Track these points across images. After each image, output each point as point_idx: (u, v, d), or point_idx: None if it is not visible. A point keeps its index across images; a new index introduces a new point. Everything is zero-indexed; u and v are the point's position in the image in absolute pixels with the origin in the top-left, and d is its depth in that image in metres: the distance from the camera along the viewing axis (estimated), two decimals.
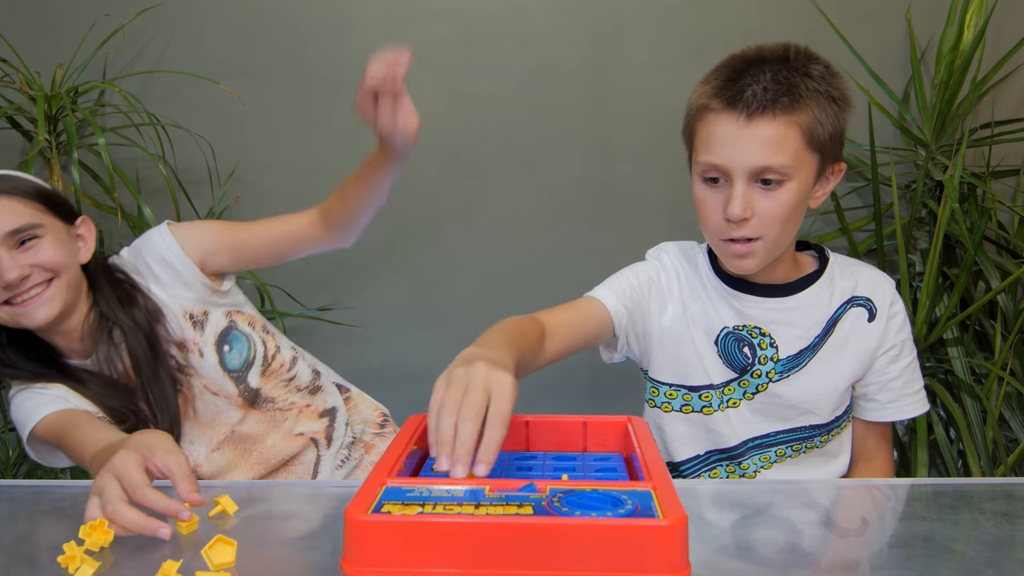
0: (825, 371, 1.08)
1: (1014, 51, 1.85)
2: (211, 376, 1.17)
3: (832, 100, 0.99)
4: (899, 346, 1.10)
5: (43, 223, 1.08)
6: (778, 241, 1.02)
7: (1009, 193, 1.94)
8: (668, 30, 1.97)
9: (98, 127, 1.69)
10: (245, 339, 1.20)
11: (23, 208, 1.07)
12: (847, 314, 1.09)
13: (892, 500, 0.87)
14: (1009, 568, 0.64)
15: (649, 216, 1.99)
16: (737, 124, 0.97)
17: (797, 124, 0.97)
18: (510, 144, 2.00)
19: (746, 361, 1.09)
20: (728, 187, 0.99)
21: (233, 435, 1.19)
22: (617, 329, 1.11)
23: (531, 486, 0.63)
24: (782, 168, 0.97)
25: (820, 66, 1.00)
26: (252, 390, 1.19)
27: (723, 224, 1.01)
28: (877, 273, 1.13)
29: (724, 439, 1.10)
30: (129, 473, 0.74)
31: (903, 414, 1.11)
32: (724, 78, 0.99)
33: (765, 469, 1.11)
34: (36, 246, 1.07)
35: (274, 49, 1.99)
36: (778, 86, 0.96)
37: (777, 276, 1.09)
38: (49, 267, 1.08)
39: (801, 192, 1.00)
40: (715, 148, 0.99)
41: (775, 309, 1.08)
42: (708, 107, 1.00)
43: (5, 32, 1.94)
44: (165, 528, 0.70)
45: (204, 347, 1.17)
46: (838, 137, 1.02)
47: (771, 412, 1.09)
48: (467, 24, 1.98)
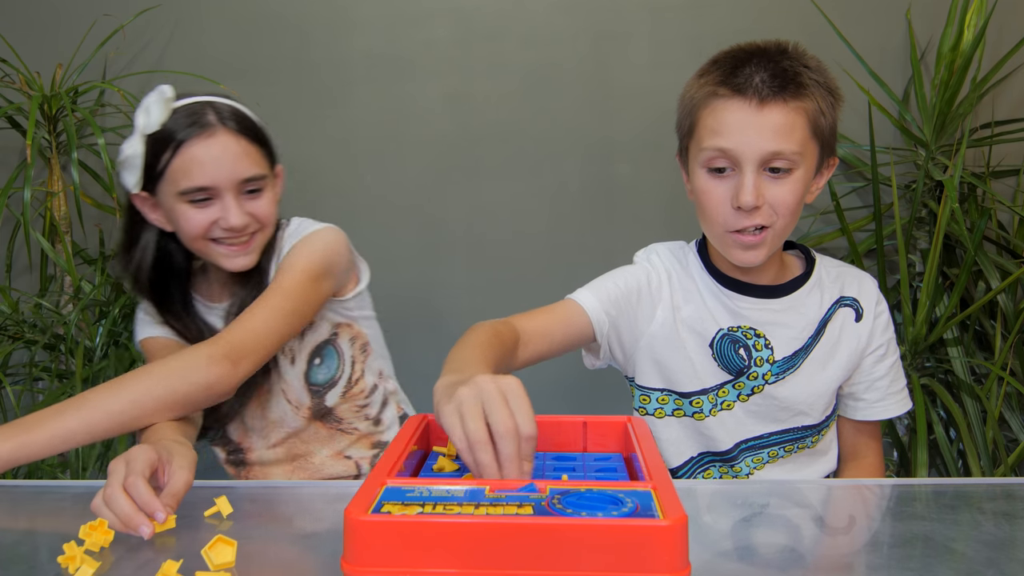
0: (818, 372, 1.08)
1: (1014, 51, 1.85)
2: (292, 383, 1.17)
3: (829, 92, 1.01)
4: (885, 345, 1.11)
5: (266, 175, 1.10)
6: (784, 231, 1.02)
7: (1009, 193, 1.94)
8: (668, 30, 1.97)
9: (98, 127, 1.69)
10: (337, 357, 1.19)
11: (257, 156, 1.09)
12: (836, 315, 1.10)
13: (892, 500, 0.87)
14: (1009, 568, 0.64)
15: (649, 216, 1.99)
16: (749, 110, 0.97)
17: (804, 111, 0.98)
18: (510, 144, 2.00)
19: (742, 363, 1.08)
20: (736, 176, 0.99)
21: (288, 439, 1.19)
22: (598, 335, 1.08)
23: (531, 486, 0.63)
24: (791, 155, 0.97)
25: (814, 60, 1.02)
26: (325, 408, 1.19)
27: (731, 215, 1.00)
28: (861, 273, 1.13)
29: (717, 443, 1.10)
30: (136, 461, 0.77)
31: (888, 412, 1.12)
32: (728, 68, 0.99)
33: (757, 470, 1.11)
34: (258, 198, 1.09)
35: (274, 49, 1.99)
36: (784, 74, 0.97)
37: (768, 277, 1.10)
38: (263, 221, 1.10)
39: (806, 182, 1.00)
40: (725, 134, 0.98)
41: (769, 310, 1.08)
42: (716, 94, 0.99)
43: (5, 32, 1.94)
44: (146, 527, 0.70)
45: (297, 354, 1.17)
46: (833, 130, 1.03)
47: (765, 414, 1.09)
48: (467, 24, 1.98)
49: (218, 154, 1.05)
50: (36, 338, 1.73)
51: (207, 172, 1.04)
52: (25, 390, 1.75)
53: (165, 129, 1.05)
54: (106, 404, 0.90)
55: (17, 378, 1.84)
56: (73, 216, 1.92)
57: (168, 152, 1.04)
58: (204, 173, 1.04)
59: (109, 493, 0.73)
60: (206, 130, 1.05)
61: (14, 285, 1.97)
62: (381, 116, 2.00)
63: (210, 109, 1.07)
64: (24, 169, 1.68)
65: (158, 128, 1.04)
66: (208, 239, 1.08)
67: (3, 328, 1.77)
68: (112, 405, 0.90)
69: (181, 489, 0.77)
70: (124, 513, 0.71)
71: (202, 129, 1.04)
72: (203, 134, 1.04)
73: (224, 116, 1.07)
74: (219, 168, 1.05)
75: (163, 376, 0.94)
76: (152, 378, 0.94)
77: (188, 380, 0.95)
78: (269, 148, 1.13)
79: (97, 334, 1.73)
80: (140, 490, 0.73)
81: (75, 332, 1.72)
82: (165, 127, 1.05)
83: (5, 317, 1.77)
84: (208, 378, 0.95)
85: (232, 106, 1.10)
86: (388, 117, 2.00)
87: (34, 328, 1.78)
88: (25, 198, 1.64)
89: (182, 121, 1.05)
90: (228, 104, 1.10)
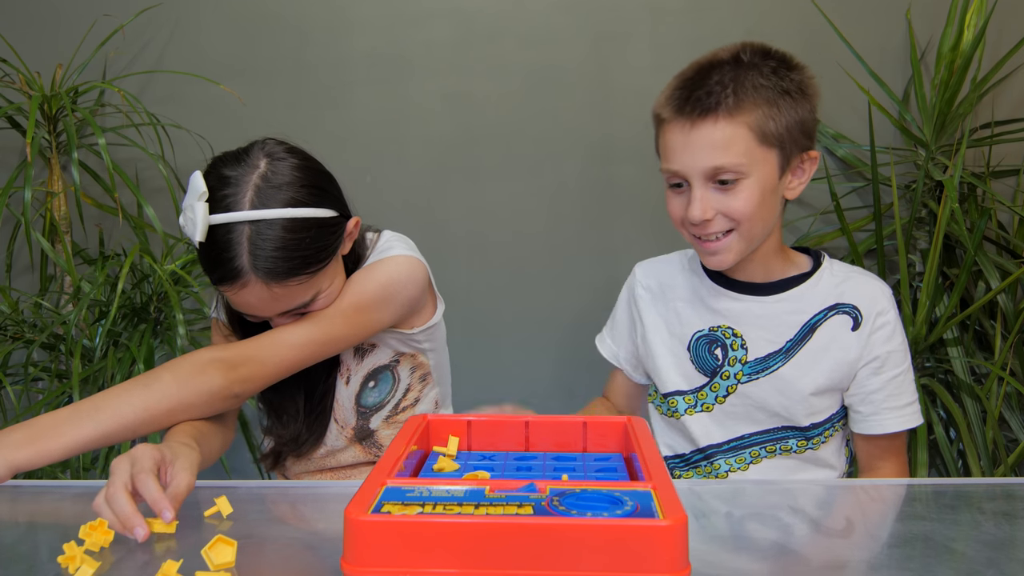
0: (796, 376, 1.07)
1: (1014, 51, 1.85)
2: (343, 403, 1.15)
3: (785, 93, 1.00)
4: (883, 358, 1.06)
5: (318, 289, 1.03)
6: (751, 234, 1.03)
7: (1009, 193, 1.94)
8: (668, 31, 1.97)
9: (98, 127, 1.69)
10: (392, 382, 1.16)
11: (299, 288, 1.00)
12: (829, 321, 1.07)
13: (892, 500, 0.87)
14: (1009, 568, 0.64)
15: (648, 216, 1.99)
16: (684, 130, 1.00)
17: (744, 123, 0.98)
18: (510, 144, 2.00)
19: (716, 363, 1.10)
20: (690, 191, 1.02)
21: (325, 457, 1.17)
22: (636, 377, 1.25)
23: (531, 486, 0.63)
24: (734, 167, 0.99)
25: (773, 61, 1.02)
26: (368, 430, 1.16)
27: (690, 227, 1.05)
28: (873, 282, 1.10)
29: (696, 441, 1.12)
30: (142, 460, 0.77)
31: (885, 428, 1.06)
32: (674, 87, 1.03)
33: (741, 470, 1.11)
34: (309, 308, 1.04)
35: (274, 49, 1.99)
36: (723, 88, 0.99)
37: (759, 275, 1.10)
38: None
39: (762, 188, 1.01)
40: (670, 155, 1.03)
41: (748, 310, 1.09)
42: (661, 116, 1.04)
43: (5, 32, 1.94)
44: (141, 529, 0.70)
45: (353, 375, 1.15)
46: (799, 128, 1.02)
47: (743, 414, 1.10)
48: (467, 24, 1.98)
49: (254, 302, 0.98)
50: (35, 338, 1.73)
51: (250, 310, 1.01)
52: (24, 390, 1.74)
53: (203, 253, 0.97)
54: (120, 410, 0.90)
55: (16, 378, 1.84)
56: (73, 216, 1.92)
57: (211, 279, 0.99)
58: (245, 310, 1.01)
59: (111, 492, 0.73)
60: (238, 280, 0.95)
61: (14, 285, 1.97)
62: (381, 116, 2.00)
63: (245, 247, 0.94)
64: (24, 169, 1.68)
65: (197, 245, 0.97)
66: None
67: (3, 328, 1.77)
68: (126, 411, 0.90)
69: (183, 492, 0.77)
70: (123, 514, 0.71)
71: (234, 278, 0.95)
72: (236, 284, 0.96)
73: (259, 260, 0.94)
74: (259, 310, 1.00)
75: (173, 381, 0.94)
76: (163, 384, 0.93)
77: (194, 388, 0.94)
78: (319, 259, 0.99)
79: (96, 334, 1.73)
80: (150, 487, 0.73)
81: (75, 332, 1.72)
82: (203, 248, 0.96)
83: (5, 317, 1.77)
84: (211, 386, 0.95)
85: (274, 228, 0.94)
86: (388, 117, 2.00)
87: (34, 328, 1.78)
88: (25, 198, 1.64)
89: (217, 257, 0.95)
90: (270, 227, 0.94)
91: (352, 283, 1.07)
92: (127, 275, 1.75)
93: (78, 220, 1.94)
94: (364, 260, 1.12)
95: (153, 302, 1.79)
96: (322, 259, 1.00)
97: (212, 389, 0.95)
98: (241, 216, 0.94)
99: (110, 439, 0.90)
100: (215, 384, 0.95)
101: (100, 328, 1.73)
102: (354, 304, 1.05)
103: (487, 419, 0.85)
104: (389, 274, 1.08)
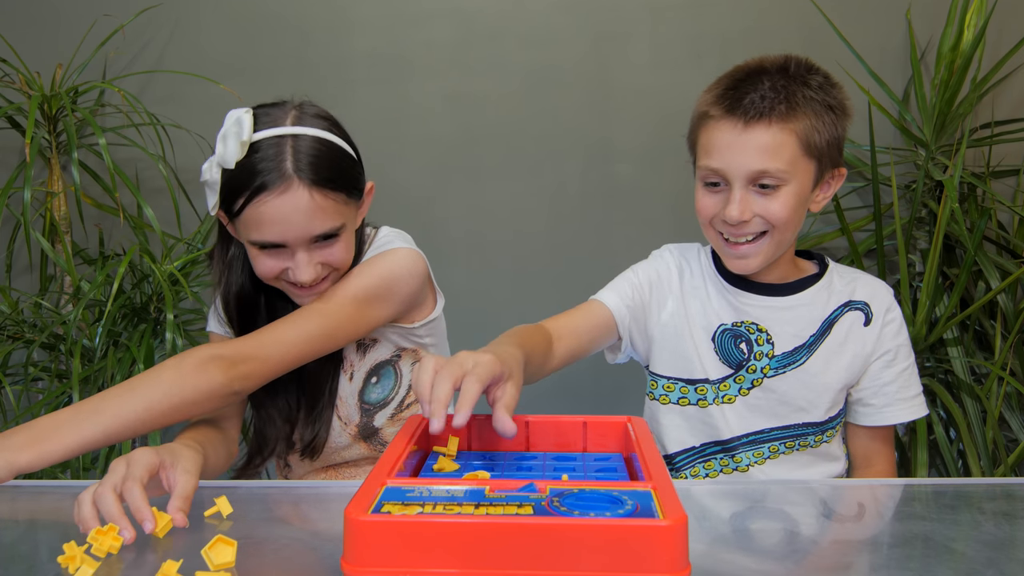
0: (821, 370, 1.10)
1: (1014, 51, 1.85)
2: (346, 399, 1.15)
3: (829, 108, 1.03)
4: (893, 351, 1.12)
5: (345, 222, 1.04)
6: (782, 241, 1.06)
7: (1009, 193, 1.94)
8: (668, 30, 1.97)
9: (98, 127, 1.69)
10: (395, 378, 1.16)
11: (333, 207, 1.01)
12: (844, 317, 1.11)
13: (892, 500, 0.87)
14: (1009, 568, 0.64)
15: (649, 216, 1.99)
16: (735, 130, 1.01)
17: (793, 131, 1.01)
18: (510, 144, 2.00)
19: (742, 356, 1.11)
20: (727, 191, 1.04)
21: (329, 452, 1.17)
22: (620, 329, 1.15)
23: (531, 486, 0.63)
24: (778, 173, 1.01)
25: (819, 76, 1.05)
26: (372, 428, 1.15)
27: (723, 227, 1.05)
28: (876, 281, 1.15)
29: (719, 432, 1.12)
30: (135, 465, 0.77)
31: (897, 418, 1.12)
32: (724, 87, 1.04)
33: (758, 464, 1.12)
34: (332, 245, 1.04)
35: (274, 49, 1.99)
36: (776, 95, 1.01)
37: (775, 277, 1.12)
38: (335, 266, 1.05)
39: (799, 196, 1.04)
40: (714, 154, 1.03)
41: (772, 307, 1.11)
42: (708, 114, 1.05)
43: (5, 32, 1.94)
44: (127, 532, 0.70)
45: (356, 371, 1.15)
46: (836, 144, 1.05)
47: (766, 408, 1.11)
48: (467, 24, 1.98)
49: (290, 212, 0.99)
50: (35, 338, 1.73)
51: (277, 230, 1.00)
52: (24, 390, 1.75)
53: (241, 168, 0.99)
54: (121, 410, 0.90)
55: (16, 378, 1.84)
56: (73, 216, 1.92)
57: (242, 199, 0.99)
58: (274, 231, 1.00)
59: (100, 492, 0.73)
60: (280, 183, 0.98)
61: (14, 285, 1.97)
62: (381, 116, 2.00)
63: (289, 152, 0.99)
64: (24, 169, 1.68)
65: (233, 166, 0.99)
66: (280, 279, 1.05)
67: (3, 328, 1.77)
68: (127, 411, 0.90)
69: (189, 492, 0.78)
70: (110, 514, 0.71)
71: (277, 182, 0.98)
72: (277, 188, 0.98)
73: (302, 163, 0.99)
74: (290, 227, 1.00)
75: (173, 379, 0.93)
76: (163, 382, 0.93)
77: (195, 385, 0.94)
78: (351, 184, 1.05)
79: (96, 334, 1.73)
80: (135, 494, 0.73)
81: (74, 332, 1.72)
82: (242, 165, 0.99)
83: (5, 317, 1.77)
84: (212, 383, 0.95)
85: (315, 140, 1.01)
86: (388, 117, 2.00)
87: (34, 328, 1.78)
88: (25, 198, 1.64)
89: (259, 165, 0.99)
90: (311, 138, 1.01)
91: (352, 276, 1.07)
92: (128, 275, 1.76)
93: (78, 220, 1.94)
94: (362, 255, 1.12)
95: (153, 302, 1.79)
96: (352, 188, 1.05)
97: (213, 386, 0.95)
98: (285, 131, 1.01)
99: (112, 439, 0.90)
100: (216, 381, 0.95)
101: (100, 328, 1.73)
102: (354, 297, 1.05)
103: (487, 419, 0.85)
104: (389, 267, 1.09)
